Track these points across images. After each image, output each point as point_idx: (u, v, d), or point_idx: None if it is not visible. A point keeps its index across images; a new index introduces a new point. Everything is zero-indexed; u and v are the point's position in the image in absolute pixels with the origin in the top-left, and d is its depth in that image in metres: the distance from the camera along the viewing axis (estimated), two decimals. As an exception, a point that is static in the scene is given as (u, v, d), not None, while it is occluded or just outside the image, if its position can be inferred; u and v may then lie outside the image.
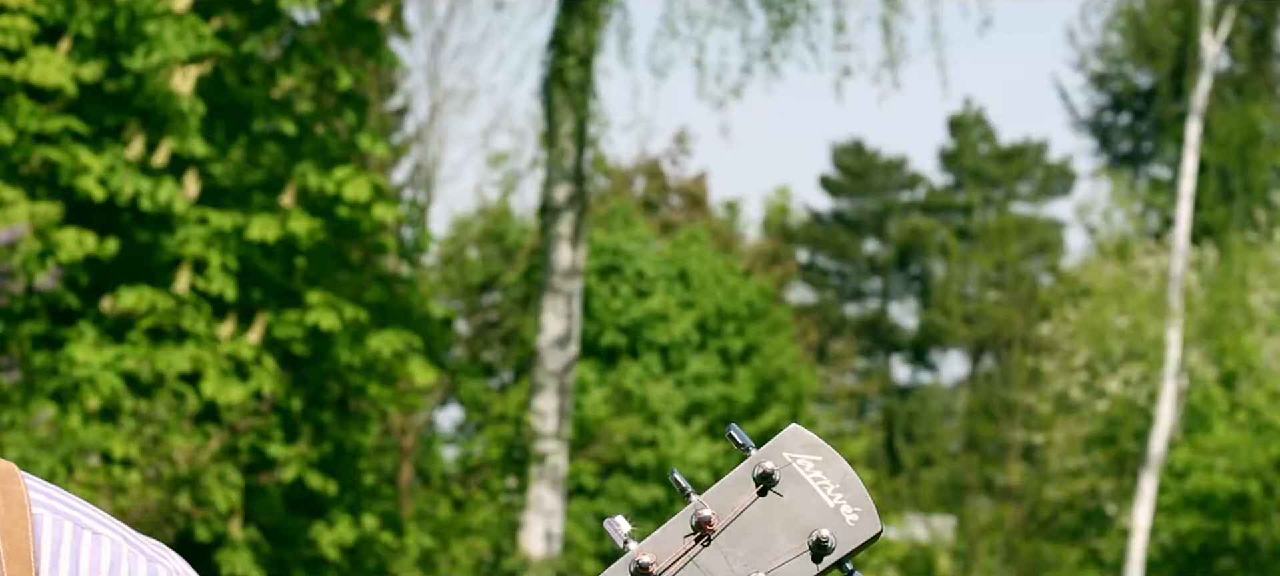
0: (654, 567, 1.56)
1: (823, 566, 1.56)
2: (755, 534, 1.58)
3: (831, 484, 1.60)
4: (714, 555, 1.57)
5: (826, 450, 1.60)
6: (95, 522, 1.75)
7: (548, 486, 16.53)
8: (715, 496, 1.59)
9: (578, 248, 16.36)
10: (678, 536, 1.57)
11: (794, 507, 1.59)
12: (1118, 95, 40.03)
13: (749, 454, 1.61)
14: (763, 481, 1.59)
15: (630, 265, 28.59)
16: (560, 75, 15.85)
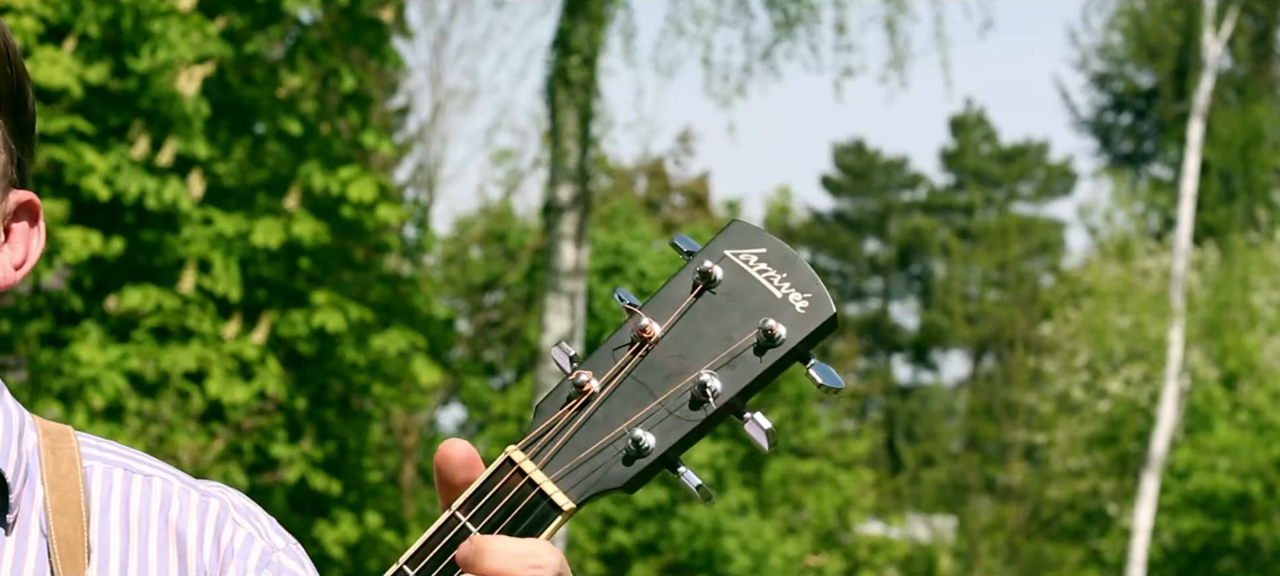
0: (590, 384, 1.49)
1: (772, 359, 1.48)
2: (695, 336, 1.49)
3: (777, 273, 1.50)
4: (655, 363, 1.49)
5: (771, 240, 1.52)
6: (146, 465, 1.76)
7: (551, 486, 16.51)
8: (655, 305, 1.52)
9: (581, 248, 16.36)
10: (614, 350, 1.51)
11: (737, 303, 1.50)
12: (1119, 95, 40.05)
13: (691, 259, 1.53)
14: (702, 280, 1.51)
15: (632, 265, 28.60)
16: (564, 75, 15.84)
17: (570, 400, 1.50)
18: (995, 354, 47.37)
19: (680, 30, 16.69)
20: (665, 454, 1.49)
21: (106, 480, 1.73)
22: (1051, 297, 37.72)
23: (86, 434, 1.77)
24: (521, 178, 27.20)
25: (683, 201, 35.28)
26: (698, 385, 1.48)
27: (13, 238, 1.74)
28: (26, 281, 10.32)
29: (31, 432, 1.73)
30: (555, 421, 1.50)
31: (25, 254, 1.74)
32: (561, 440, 1.49)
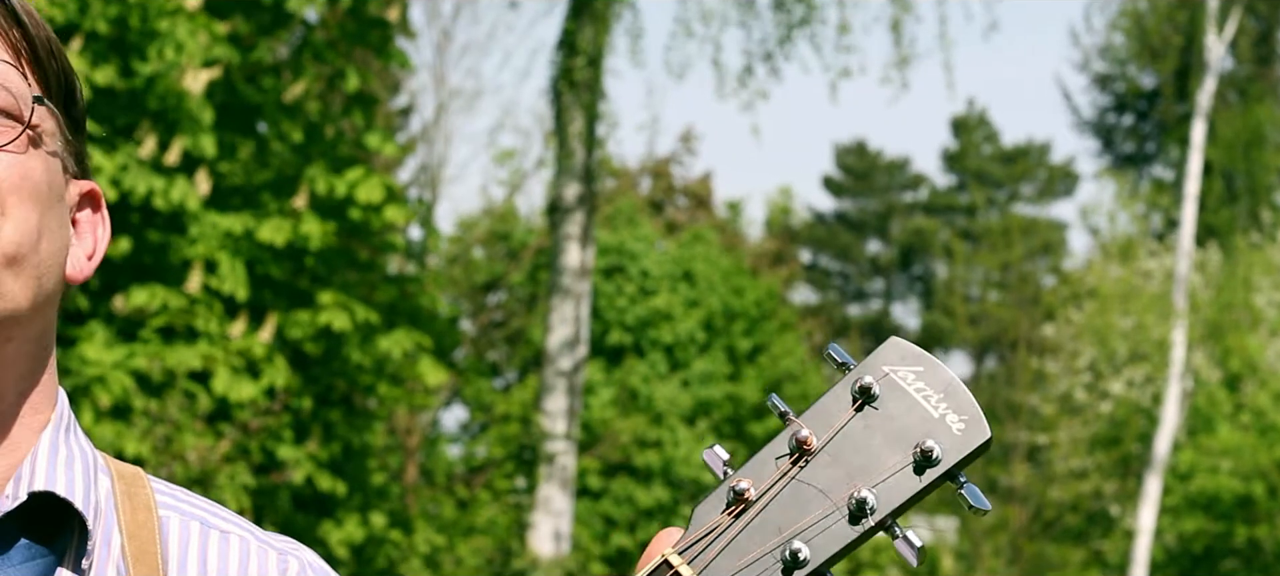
0: (750, 492, 1.52)
1: (928, 478, 1.51)
2: (857, 450, 1.53)
3: (935, 393, 1.53)
4: (814, 475, 1.52)
5: (928, 359, 1.54)
6: (222, 521, 1.75)
7: (557, 486, 16.55)
8: (814, 416, 1.54)
9: (587, 248, 16.37)
10: (774, 459, 1.53)
11: (897, 420, 1.53)
12: (1121, 96, 40.05)
13: (848, 371, 1.56)
14: (862, 395, 1.54)
15: (635, 265, 28.60)
16: (569, 75, 15.85)
17: (729, 506, 1.52)
18: (997, 355, 47.38)
19: (690, 32, 16.71)
20: (820, 567, 1.51)
21: (184, 533, 1.72)
22: (1053, 299, 37.73)
23: (157, 479, 1.76)
24: (525, 178, 27.20)
25: (686, 202, 35.29)
26: (856, 501, 1.51)
27: (80, 228, 1.74)
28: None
29: (104, 476, 1.71)
30: (715, 527, 1.52)
31: (94, 244, 1.74)
32: (719, 545, 1.51)
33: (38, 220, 1.64)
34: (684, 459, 27.51)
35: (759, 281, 30.91)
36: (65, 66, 1.72)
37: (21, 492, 1.64)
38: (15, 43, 1.68)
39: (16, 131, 1.64)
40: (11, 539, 1.64)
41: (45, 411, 1.70)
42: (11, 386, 1.66)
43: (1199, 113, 28.46)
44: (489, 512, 20.41)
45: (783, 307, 32.06)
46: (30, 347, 1.67)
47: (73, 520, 1.67)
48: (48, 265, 1.66)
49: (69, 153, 1.71)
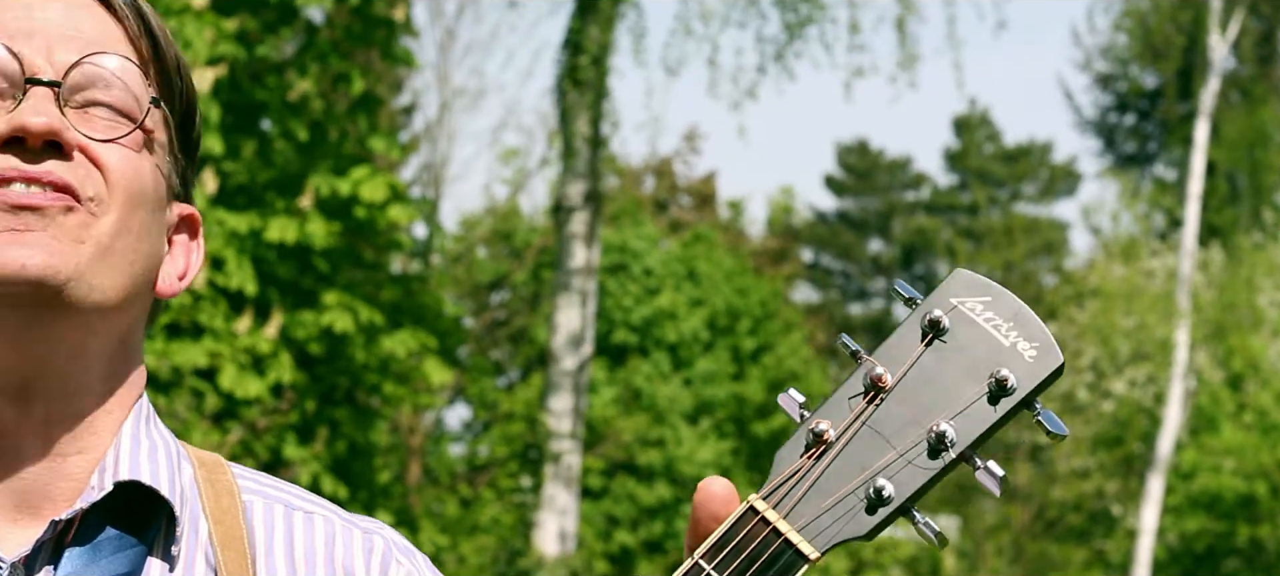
0: (829, 433, 1.52)
1: (1004, 407, 1.52)
2: (931, 384, 1.53)
3: (1004, 322, 1.54)
4: (890, 412, 1.53)
5: (995, 288, 1.55)
6: (305, 502, 1.76)
7: (562, 485, 16.56)
8: (885, 353, 1.55)
9: (592, 247, 16.38)
10: (849, 399, 1.54)
11: (967, 352, 1.54)
12: (1123, 96, 40.04)
13: (916, 305, 1.56)
14: (931, 329, 1.54)
15: (638, 263, 28.60)
16: (574, 74, 15.86)
17: (809, 449, 1.53)
18: (999, 354, 47.35)
19: (689, 30, 16.72)
20: (904, 502, 1.53)
21: (268, 515, 1.73)
22: (1056, 298, 37.73)
23: (237, 465, 1.77)
24: (528, 177, 27.21)
25: (689, 201, 35.30)
26: (935, 435, 1.52)
27: (174, 249, 1.76)
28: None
29: (187, 464, 1.73)
30: (797, 470, 1.52)
31: (186, 265, 1.76)
32: (803, 488, 1.52)
33: (139, 220, 1.67)
34: (686, 457, 27.50)
35: (762, 281, 30.91)
36: (189, 89, 1.75)
37: (107, 483, 1.65)
38: (145, 52, 1.72)
39: (131, 128, 1.68)
40: (99, 530, 1.65)
41: (129, 406, 1.71)
42: (98, 381, 1.68)
43: (1202, 113, 28.48)
44: (492, 511, 20.41)
45: (786, 307, 32.06)
46: (115, 344, 1.68)
47: (159, 509, 1.68)
48: (141, 266, 1.68)
49: (176, 171, 1.74)
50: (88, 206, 1.64)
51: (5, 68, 1.67)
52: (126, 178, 1.67)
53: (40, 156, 1.64)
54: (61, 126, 1.64)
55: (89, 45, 1.69)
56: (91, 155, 1.66)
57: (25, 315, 1.62)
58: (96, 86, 1.68)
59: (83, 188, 1.64)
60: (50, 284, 1.61)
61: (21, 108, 1.65)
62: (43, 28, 1.69)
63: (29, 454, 1.66)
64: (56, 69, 1.67)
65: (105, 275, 1.64)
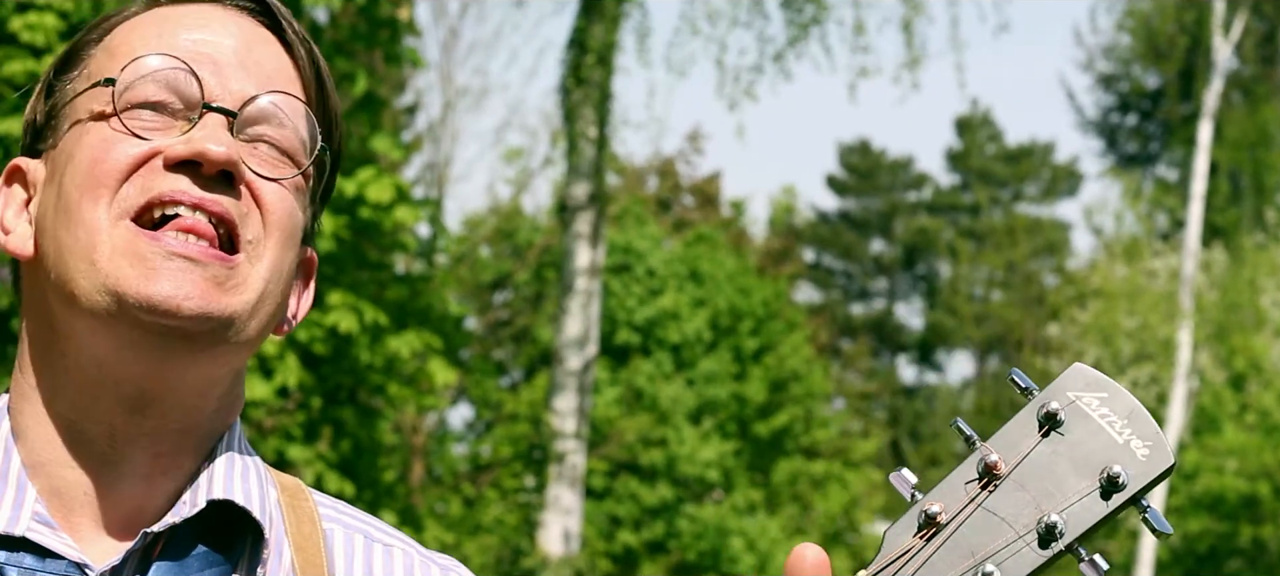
0: (942, 516, 1.56)
1: (1114, 503, 1.56)
2: (1043, 475, 1.57)
3: (1119, 419, 1.58)
4: (1002, 499, 1.57)
5: (1111, 386, 1.59)
6: (385, 535, 1.77)
7: (566, 485, 16.56)
8: (1000, 441, 1.59)
9: (597, 247, 16.38)
10: (963, 483, 1.58)
11: (1082, 446, 1.58)
12: (1124, 96, 40.04)
13: (1032, 397, 1.60)
14: (1047, 421, 1.58)
15: (641, 264, 28.59)
16: (579, 74, 15.86)
17: (921, 529, 1.57)
18: (1001, 354, 47.37)
19: (695, 30, 16.72)
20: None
21: (348, 546, 1.74)
22: (1058, 298, 37.73)
23: (317, 492, 1.77)
24: (531, 176, 27.18)
25: (692, 201, 35.29)
26: (1046, 525, 1.56)
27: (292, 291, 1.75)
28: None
29: (272, 486, 1.73)
30: (907, 550, 1.56)
31: (298, 308, 1.75)
32: (912, 569, 1.56)
33: (288, 262, 1.68)
34: (688, 457, 27.50)
35: (765, 281, 30.90)
36: (341, 139, 1.75)
37: (200, 500, 1.66)
38: (313, 95, 1.71)
39: (295, 171, 1.68)
40: (190, 546, 1.65)
41: (226, 424, 1.72)
42: (211, 403, 1.69)
43: (1205, 113, 28.47)
44: (496, 511, 20.40)
45: (788, 308, 32.05)
46: (236, 374, 1.70)
47: (246, 530, 1.68)
48: (279, 308, 1.69)
49: (314, 215, 1.75)
50: (246, 250, 1.64)
51: (183, 89, 1.66)
52: (284, 220, 1.67)
53: (211, 184, 1.63)
54: (239, 159, 1.64)
55: (267, 80, 1.68)
56: (254, 192, 1.66)
57: (169, 344, 1.62)
58: (268, 123, 1.67)
59: (243, 227, 1.64)
60: (202, 326, 1.62)
61: (198, 133, 1.64)
62: (223, 55, 1.68)
63: (130, 464, 1.66)
64: (234, 99, 1.67)
65: (253, 318, 1.65)
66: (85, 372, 1.64)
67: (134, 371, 1.63)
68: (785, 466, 30.04)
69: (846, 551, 30.67)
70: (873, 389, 43.84)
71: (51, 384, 1.66)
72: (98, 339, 1.62)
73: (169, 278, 1.60)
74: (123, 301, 1.60)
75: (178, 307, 1.59)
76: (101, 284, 1.61)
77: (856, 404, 39.52)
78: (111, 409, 1.64)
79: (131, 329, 1.61)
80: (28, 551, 1.62)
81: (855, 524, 31.06)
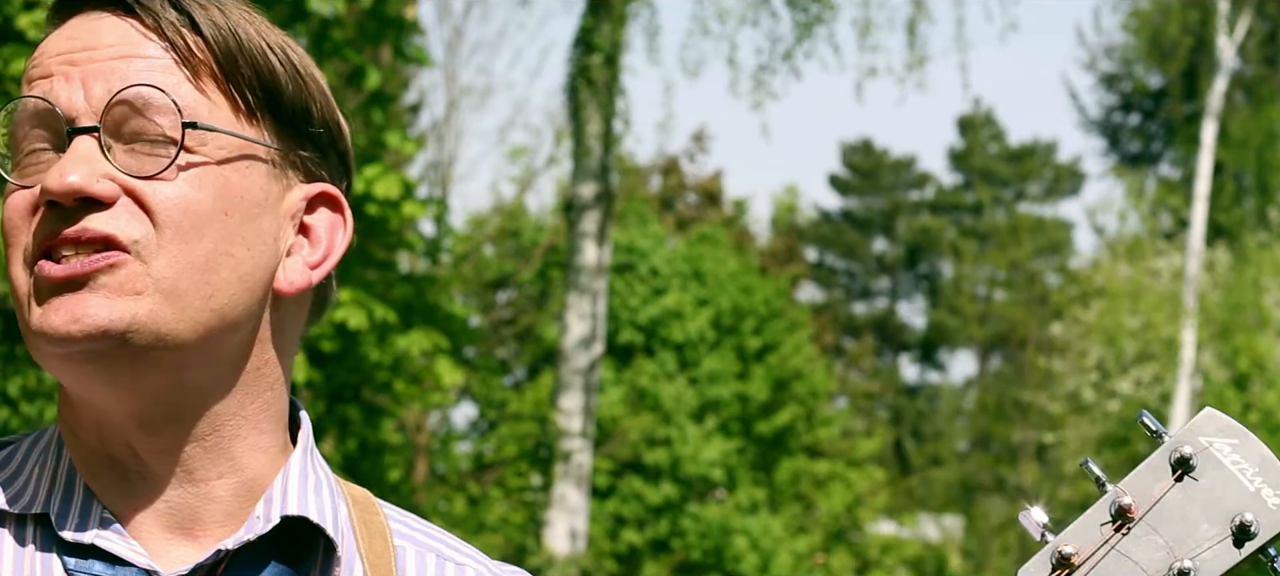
0: (1076, 558, 1.58)
1: (1246, 551, 1.58)
2: (1175, 520, 1.59)
3: (1250, 467, 1.60)
4: (1135, 542, 1.59)
5: (1243, 433, 1.61)
6: (457, 553, 1.74)
7: (572, 484, 16.55)
8: (1132, 483, 1.60)
9: (603, 246, 16.37)
10: (1096, 525, 1.60)
11: (1213, 492, 1.60)
12: (1127, 96, 40.03)
13: (1163, 440, 1.61)
14: (1180, 466, 1.60)
15: (645, 263, 28.58)
16: (587, 73, 15.84)
17: (1055, 570, 1.60)
18: (1003, 354, 47.36)
19: (705, 30, 16.71)
20: None
21: (420, 564, 1.71)
22: (1062, 298, 37.72)
23: (387, 504, 1.75)
24: (536, 175, 27.17)
25: (696, 200, 35.28)
26: (1178, 571, 1.59)
27: (313, 233, 1.69)
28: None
29: (342, 501, 1.70)
30: None
31: (326, 249, 1.68)
32: None
33: (206, 248, 1.61)
34: (692, 456, 27.50)
35: (767, 280, 30.90)
36: (262, 69, 1.65)
37: (274, 515, 1.64)
38: (189, 57, 1.64)
39: (167, 159, 1.61)
40: (260, 559, 1.64)
41: (273, 429, 1.68)
42: (222, 407, 1.64)
43: (1210, 113, 28.47)
44: (500, 510, 20.38)
45: (791, 307, 32.06)
46: (225, 370, 1.64)
47: (317, 543, 1.66)
48: (226, 292, 1.62)
49: (279, 160, 1.66)
50: (135, 252, 1.59)
51: (49, 120, 1.63)
52: (174, 213, 1.60)
53: (77, 214, 1.59)
54: (84, 183, 1.58)
55: (128, 74, 1.62)
56: (138, 196, 1.60)
57: (101, 367, 1.59)
58: (135, 118, 1.61)
59: (125, 233, 1.59)
60: (105, 343, 1.58)
61: (53, 166, 1.60)
62: (81, 60, 1.63)
63: (167, 478, 1.64)
64: (95, 108, 1.62)
65: (175, 317, 1.59)
66: (81, 406, 1.64)
67: (104, 398, 1.61)
68: (788, 465, 30.04)
69: (849, 550, 30.67)
70: (875, 388, 43.82)
71: (72, 417, 1.66)
72: (61, 377, 1.63)
73: (59, 307, 1.57)
74: (36, 340, 1.60)
75: (68, 333, 1.57)
76: (30, 332, 1.61)
77: (859, 403, 39.51)
78: (120, 433, 1.63)
79: (61, 362, 1.60)
80: (97, 558, 1.62)
81: (858, 522, 31.06)
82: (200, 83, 1.63)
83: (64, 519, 1.63)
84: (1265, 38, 33.18)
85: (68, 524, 1.62)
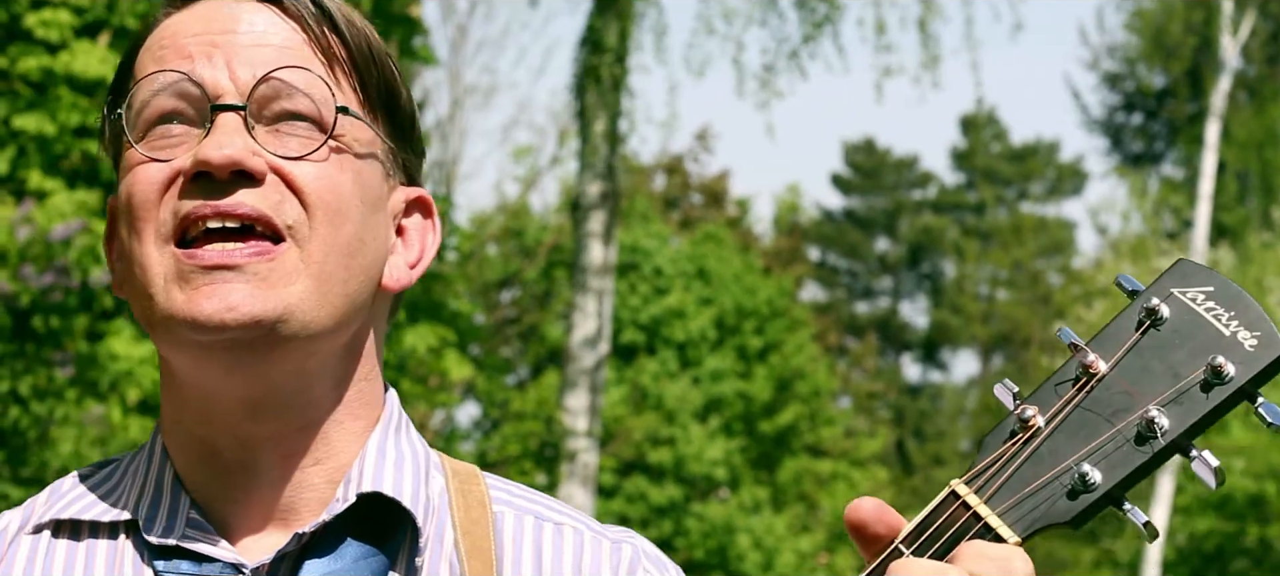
0: (1035, 419, 1.51)
1: (1219, 397, 1.50)
2: (1144, 372, 1.51)
3: (1225, 311, 1.51)
4: (1100, 398, 1.51)
5: (1218, 278, 1.53)
6: (556, 514, 1.76)
7: (578, 484, 16.53)
8: (1100, 342, 1.54)
9: (609, 245, 16.36)
10: (1053, 387, 1.53)
11: (1186, 340, 1.51)
12: (1129, 95, 40.03)
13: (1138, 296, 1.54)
14: (1148, 317, 1.53)
15: (648, 262, 28.59)
16: (594, 72, 15.83)
17: (1015, 435, 1.52)
18: (1005, 354, 47.35)
19: (711, 29, 16.70)
20: (1111, 490, 1.50)
21: (517, 527, 1.72)
22: (1064, 297, 37.72)
23: (493, 476, 1.77)
24: (540, 174, 27.19)
25: (700, 199, 35.28)
26: (1145, 421, 1.50)
27: (408, 236, 1.73)
28: (77, 277, 10.33)
29: (438, 474, 1.72)
30: (1000, 455, 1.51)
31: (420, 251, 1.73)
32: (1006, 474, 1.50)
33: (348, 233, 1.64)
34: (695, 455, 27.50)
35: (770, 280, 30.91)
36: (387, 72, 1.70)
37: (351, 494, 1.65)
38: (328, 49, 1.67)
39: (319, 141, 1.64)
40: (344, 540, 1.66)
41: (367, 416, 1.70)
42: (326, 395, 1.67)
43: (1213, 113, 28.47)
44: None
45: (794, 306, 32.06)
46: (338, 358, 1.67)
47: (403, 520, 1.67)
48: (359, 280, 1.65)
49: (391, 159, 1.70)
50: (290, 236, 1.62)
51: (191, 95, 1.64)
52: (325, 195, 1.63)
53: (229, 188, 1.61)
54: (243, 156, 1.61)
55: (271, 58, 1.65)
56: (286, 176, 1.63)
57: (236, 355, 1.61)
58: (284, 99, 1.64)
59: (279, 215, 1.62)
60: (255, 332, 1.60)
61: (206, 139, 1.62)
62: (223, 43, 1.65)
63: (268, 466, 1.67)
64: (241, 88, 1.64)
65: (319, 305, 1.62)
66: (192, 391, 1.65)
67: (223, 385, 1.63)
68: (791, 465, 30.04)
69: (852, 550, 30.66)
70: (878, 388, 43.82)
71: (177, 403, 1.68)
72: (184, 362, 1.64)
73: (211, 294, 1.59)
74: (179, 326, 1.60)
75: (222, 322, 1.59)
76: (161, 314, 1.61)
77: (862, 402, 39.52)
78: (228, 420, 1.65)
79: (198, 349, 1.61)
80: (183, 558, 1.64)
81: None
82: (335, 73, 1.67)
83: (152, 522, 1.65)
84: (1269, 37, 33.17)
85: (155, 527, 1.65)
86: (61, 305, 10.35)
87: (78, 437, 10.56)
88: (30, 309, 10.42)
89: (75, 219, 10.66)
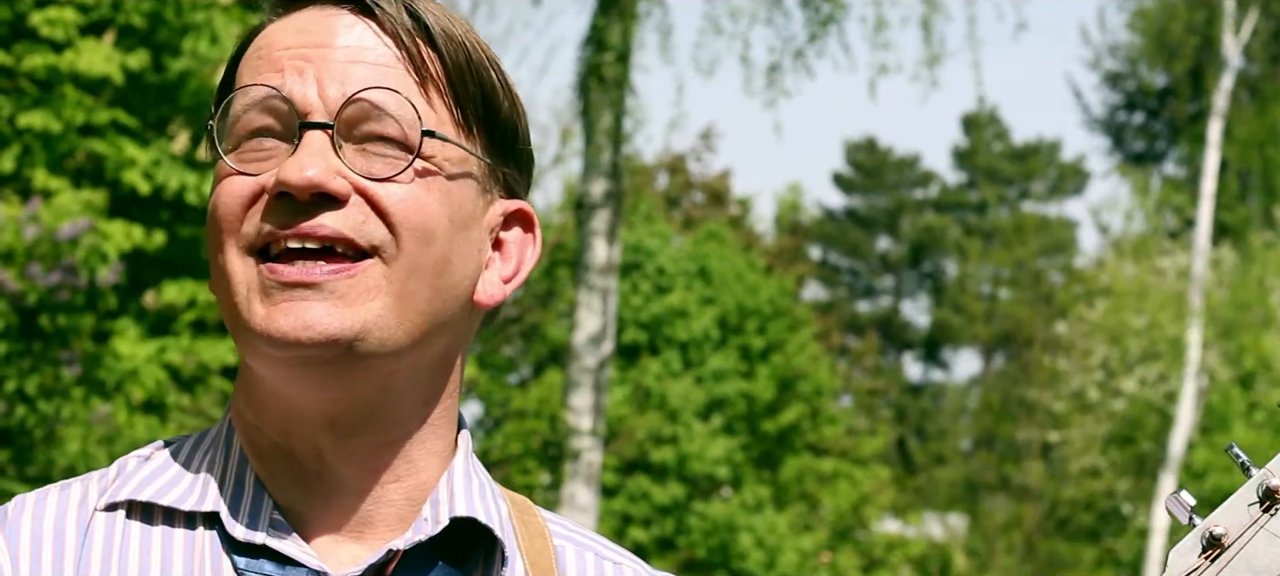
0: (1226, 538, 1.60)
1: None
2: None
3: None
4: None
5: None
6: (614, 554, 1.77)
7: (582, 483, 16.52)
8: (1278, 466, 1.62)
9: (613, 244, 16.35)
10: (1244, 506, 1.61)
11: None
12: (1131, 94, 40.03)
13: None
14: None
15: (651, 262, 28.59)
16: (598, 71, 15.81)
17: (1206, 550, 1.61)
18: (1007, 353, 47.37)
19: (718, 29, 16.68)
20: None
21: (579, 562, 1.73)
22: (1066, 296, 37.72)
23: (539, 507, 1.77)
24: (542, 173, 27.18)
25: (702, 198, 35.28)
26: None
27: (506, 249, 1.71)
28: (84, 276, 10.33)
29: (502, 502, 1.72)
30: (1194, 569, 1.61)
31: (517, 265, 1.71)
32: None
33: (434, 255, 1.63)
34: (698, 455, 27.51)
35: (772, 279, 30.91)
36: (485, 85, 1.68)
37: (443, 517, 1.65)
38: (422, 66, 1.65)
39: (405, 162, 1.62)
40: (428, 561, 1.66)
41: (448, 436, 1.70)
42: (411, 412, 1.66)
43: (1215, 112, 28.48)
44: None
45: (796, 306, 32.07)
46: (425, 376, 1.66)
47: (480, 544, 1.68)
48: (444, 299, 1.64)
49: (489, 174, 1.68)
50: (378, 254, 1.61)
51: (281, 111, 1.63)
52: (411, 215, 1.62)
53: (311, 210, 1.60)
54: (324, 178, 1.60)
55: (363, 76, 1.64)
56: (371, 196, 1.61)
57: (317, 371, 1.61)
58: (372, 121, 1.63)
59: (361, 235, 1.60)
60: (332, 351, 1.59)
61: (291, 158, 1.61)
62: (315, 57, 1.64)
63: (349, 480, 1.66)
64: (329, 106, 1.63)
65: (398, 324, 1.61)
66: (273, 400, 1.65)
67: (304, 399, 1.62)
68: (793, 464, 30.05)
69: (854, 548, 30.69)
70: (880, 387, 43.84)
71: (256, 407, 1.67)
72: (266, 373, 1.63)
73: (288, 310, 1.59)
74: (257, 340, 1.60)
75: (298, 339, 1.58)
76: (243, 325, 1.61)
77: (864, 401, 39.53)
78: (308, 432, 1.65)
79: (278, 363, 1.61)
80: (267, 558, 1.63)
81: (863, 520, 31.08)
82: (427, 91, 1.65)
83: (235, 516, 1.64)
84: (1271, 36, 33.17)
85: (238, 522, 1.63)
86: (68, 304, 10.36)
87: (84, 436, 10.57)
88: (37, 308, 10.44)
89: (82, 218, 10.65)
